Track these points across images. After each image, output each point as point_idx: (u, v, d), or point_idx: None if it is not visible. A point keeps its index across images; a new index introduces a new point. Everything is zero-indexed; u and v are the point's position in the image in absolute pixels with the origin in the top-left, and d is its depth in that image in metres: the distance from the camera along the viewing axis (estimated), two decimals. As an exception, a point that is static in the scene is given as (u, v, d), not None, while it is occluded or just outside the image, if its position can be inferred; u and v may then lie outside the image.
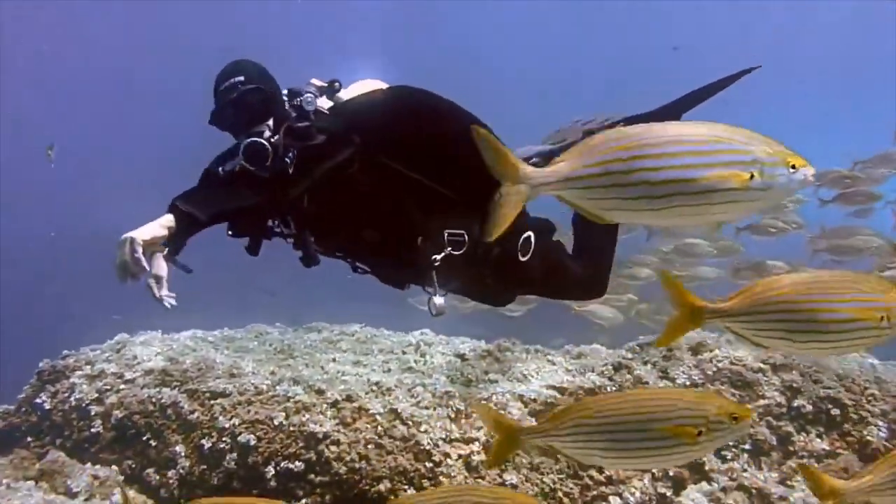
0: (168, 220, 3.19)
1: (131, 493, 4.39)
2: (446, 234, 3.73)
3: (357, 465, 4.78)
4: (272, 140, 3.46)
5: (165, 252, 3.43)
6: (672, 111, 4.35)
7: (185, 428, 5.09)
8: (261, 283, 14.60)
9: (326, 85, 3.73)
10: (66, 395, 5.36)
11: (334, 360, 6.23)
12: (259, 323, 7.42)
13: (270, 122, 3.54)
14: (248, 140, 3.44)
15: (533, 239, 3.90)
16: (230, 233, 3.70)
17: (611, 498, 4.68)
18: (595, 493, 4.76)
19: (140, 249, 3.02)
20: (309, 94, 3.60)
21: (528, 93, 26.17)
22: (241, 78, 3.54)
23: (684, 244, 8.00)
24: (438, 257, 3.70)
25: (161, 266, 3.34)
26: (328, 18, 24.32)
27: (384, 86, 3.93)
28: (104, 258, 3.24)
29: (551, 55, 28.35)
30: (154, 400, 5.16)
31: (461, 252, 3.74)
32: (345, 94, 3.79)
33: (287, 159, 3.45)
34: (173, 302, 3.23)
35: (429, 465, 4.78)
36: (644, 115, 4.41)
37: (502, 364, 6.24)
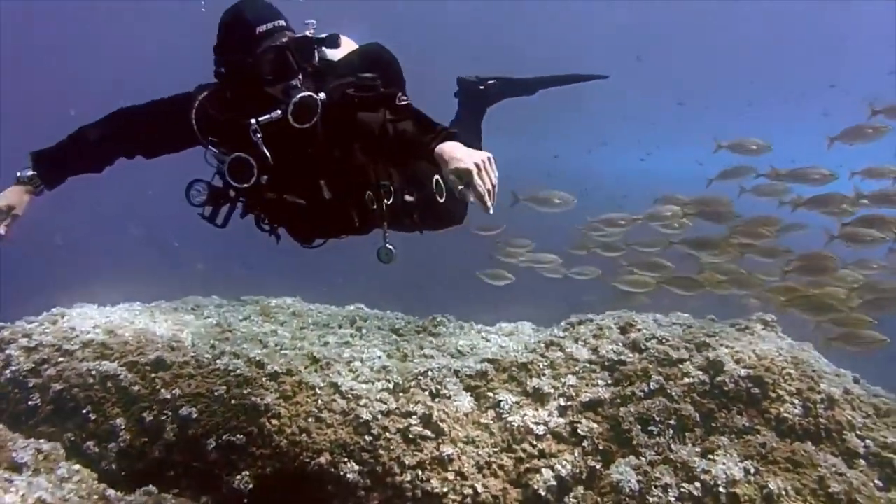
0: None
1: (75, 465, 4.40)
2: (381, 185, 3.90)
3: (298, 438, 4.89)
4: (320, 97, 3.54)
5: (41, 189, 3.51)
6: (532, 85, 5.55)
7: (125, 401, 5.10)
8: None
9: (323, 38, 3.72)
10: (2, 367, 5.28)
11: (273, 332, 6.30)
12: (195, 295, 7.41)
13: (301, 76, 3.57)
14: (304, 94, 3.49)
15: (441, 181, 4.17)
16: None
17: (543, 470, 4.86)
18: (528, 465, 4.94)
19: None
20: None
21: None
22: (283, 23, 3.53)
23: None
24: (384, 206, 3.92)
25: (23, 202, 3.41)
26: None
27: (353, 42, 4.06)
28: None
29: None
30: (94, 373, 5.13)
31: (391, 201, 3.99)
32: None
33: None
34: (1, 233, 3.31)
35: (368, 438, 4.91)
36: (509, 79, 5.48)
37: (437, 339, 6.38)
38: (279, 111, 3.49)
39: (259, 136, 3.51)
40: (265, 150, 3.55)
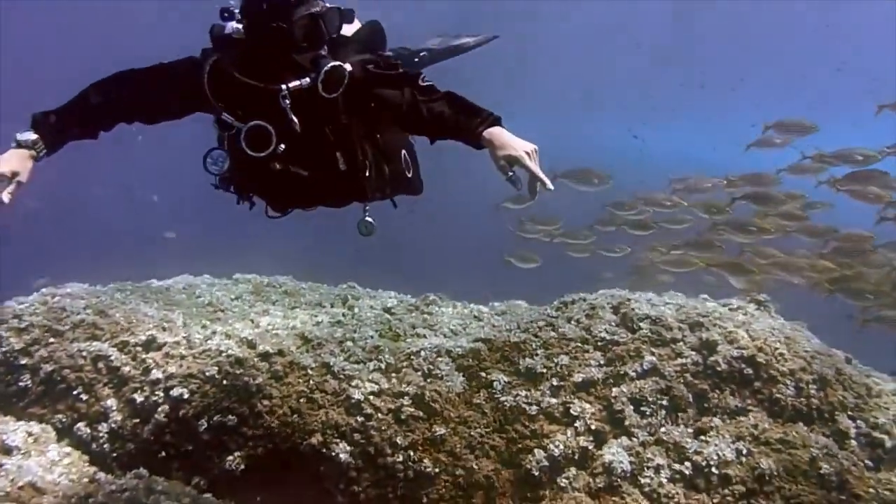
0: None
1: (65, 448, 4.40)
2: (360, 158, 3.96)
3: (289, 419, 4.88)
4: (346, 67, 3.58)
5: (43, 154, 3.41)
6: (454, 52, 5.63)
7: (116, 382, 5.08)
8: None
9: (343, 11, 3.75)
10: (-8, 348, 5.25)
11: (265, 312, 6.27)
12: (185, 274, 7.38)
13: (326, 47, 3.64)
14: (335, 63, 3.54)
15: (407, 156, 4.34)
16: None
17: (535, 450, 4.86)
18: (520, 445, 4.93)
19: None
20: None
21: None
22: None
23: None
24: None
25: (27, 168, 3.33)
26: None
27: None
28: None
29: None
30: (84, 353, 5.11)
31: (370, 174, 4.00)
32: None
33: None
34: (5, 201, 3.22)
35: (360, 418, 4.89)
36: (434, 49, 5.59)
37: (430, 318, 6.36)
38: (308, 79, 3.50)
39: (288, 102, 3.51)
40: (293, 117, 3.55)
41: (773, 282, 7.36)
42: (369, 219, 4.16)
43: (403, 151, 4.30)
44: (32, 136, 3.40)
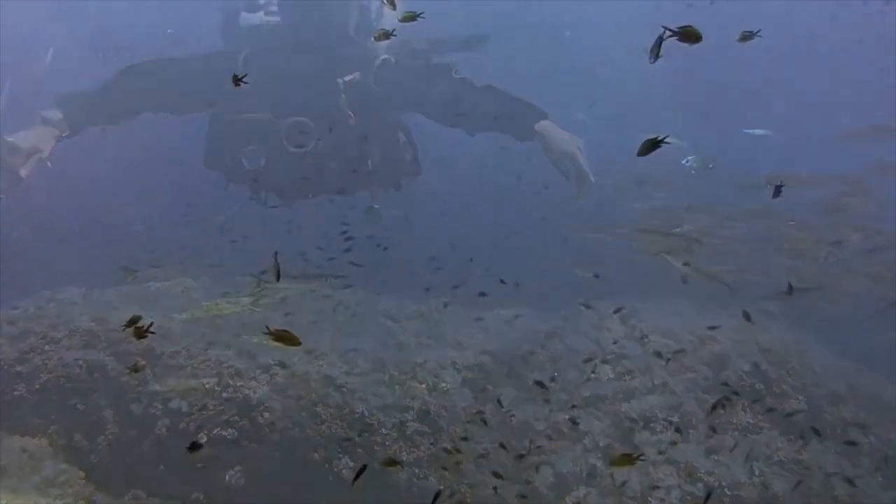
0: None
1: (62, 465, 4.28)
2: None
3: (291, 433, 4.76)
4: (392, 59, 3.80)
5: (66, 134, 3.35)
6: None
7: (113, 392, 4.96)
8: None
9: None
10: (-14, 356, 5.12)
11: (265, 320, 6.14)
12: (184, 277, 7.23)
13: None
14: (385, 56, 3.77)
15: (405, 139, 4.45)
16: None
17: (543, 467, 4.77)
18: (528, 462, 4.83)
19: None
20: None
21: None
22: None
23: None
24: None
25: (50, 145, 3.25)
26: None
27: None
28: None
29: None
30: (80, 362, 4.98)
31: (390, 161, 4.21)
32: None
33: None
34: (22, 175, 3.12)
35: (363, 433, 4.78)
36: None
37: (434, 327, 6.25)
38: (358, 72, 3.67)
39: (344, 97, 3.54)
40: (350, 112, 3.71)
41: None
42: (376, 206, 4.21)
43: (400, 133, 4.35)
44: (58, 114, 3.36)
